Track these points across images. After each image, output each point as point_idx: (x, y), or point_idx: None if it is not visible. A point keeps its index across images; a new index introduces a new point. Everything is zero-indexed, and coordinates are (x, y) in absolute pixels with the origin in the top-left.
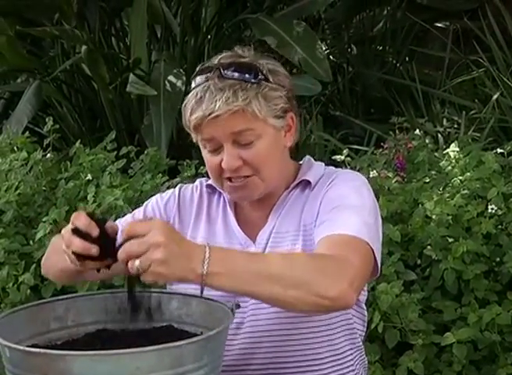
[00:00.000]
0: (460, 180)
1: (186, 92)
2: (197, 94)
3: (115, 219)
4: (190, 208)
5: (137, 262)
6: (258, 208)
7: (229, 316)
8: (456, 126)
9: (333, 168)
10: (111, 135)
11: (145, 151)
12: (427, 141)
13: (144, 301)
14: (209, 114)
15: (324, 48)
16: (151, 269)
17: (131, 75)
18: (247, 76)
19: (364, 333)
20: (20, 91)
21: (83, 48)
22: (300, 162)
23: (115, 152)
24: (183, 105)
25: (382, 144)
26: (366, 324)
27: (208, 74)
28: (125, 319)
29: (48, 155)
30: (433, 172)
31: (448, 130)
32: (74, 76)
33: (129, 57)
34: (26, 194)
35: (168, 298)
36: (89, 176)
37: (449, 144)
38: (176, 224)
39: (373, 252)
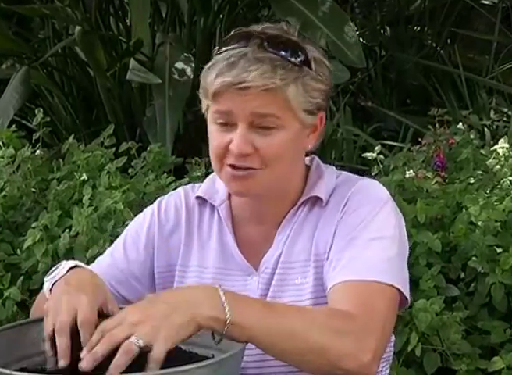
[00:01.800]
0: (511, 181)
1: (195, 81)
2: (229, 57)
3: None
4: (177, 231)
5: (133, 338)
6: (261, 225)
7: None
8: (505, 118)
9: (346, 175)
10: (109, 129)
11: (148, 148)
12: (471, 136)
13: None
14: (238, 82)
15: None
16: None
17: (132, 60)
18: (290, 55)
19: (390, 358)
20: (5, 78)
21: (77, 29)
22: (307, 163)
23: (114, 149)
24: (207, 66)
25: (419, 139)
26: (392, 347)
27: (248, 40)
28: None
29: (38, 151)
30: (479, 171)
31: (496, 123)
32: (67, 61)
33: (130, 39)
34: (12, 197)
35: None
36: (84, 176)
37: (498, 140)
38: (160, 255)
39: (399, 289)
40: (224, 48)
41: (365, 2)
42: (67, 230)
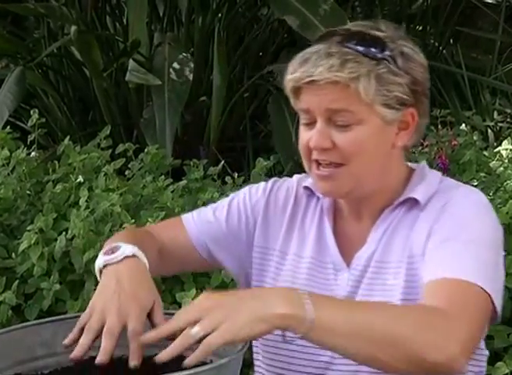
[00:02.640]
0: None
1: (194, 81)
2: (304, 54)
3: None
4: (281, 216)
5: (196, 328)
6: (358, 221)
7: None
8: (509, 119)
9: (450, 182)
10: (105, 130)
11: (145, 150)
12: (475, 137)
13: None
14: (306, 77)
15: None
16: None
17: (131, 61)
18: (368, 49)
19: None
20: (0, 78)
21: (73, 28)
22: (413, 167)
23: (110, 150)
24: (290, 63)
25: (421, 140)
26: (485, 363)
27: (330, 38)
28: (122, 344)
29: (33, 153)
30: (482, 173)
31: (499, 124)
32: (62, 61)
33: (127, 39)
34: (7, 199)
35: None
36: (80, 179)
37: (501, 141)
38: (260, 233)
39: (490, 296)
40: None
41: (366, 1)
42: (63, 233)
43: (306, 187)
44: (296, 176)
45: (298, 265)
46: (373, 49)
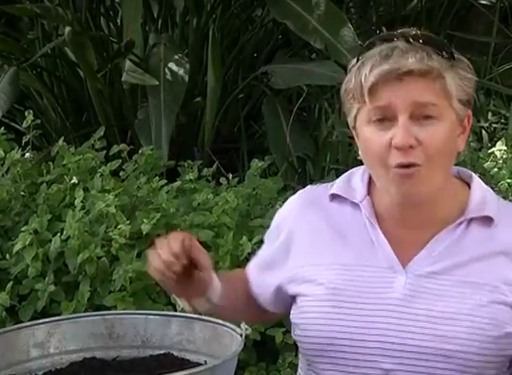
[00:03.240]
0: (509, 183)
1: (189, 82)
2: (381, 51)
3: None
4: (308, 228)
5: None
6: (408, 228)
7: (237, 343)
8: (503, 120)
9: (503, 200)
10: (99, 131)
11: (139, 151)
12: (469, 138)
13: None
14: (398, 68)
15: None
16: None
17: (127, 61)
18: (436, 47)
19: None
20: None
21: (67, 29)
22: (463, 177)
23: (105, 152)
24: (354, 66)
25: None
26: None
27: (392, 40)
28: (116, 345)
29: (27, 154)
30: (476, 174)
31: (494, 125)
32: (56, 62)
33: (121, 40)
34: (1, 200)
35: (167, 320)
36: (74, 180)
37: (495, 142)
38: (288, 250)
39: None
40: (367, 50)
41: (361, 2)
42: (58, 234)
43: (333, 195)
44: (320, 185)
45: (344, 273)
46: (441, 48)
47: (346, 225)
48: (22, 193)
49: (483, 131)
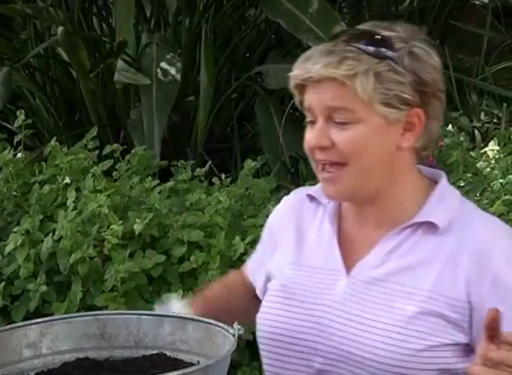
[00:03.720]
0: (501, 183)
1: (182, 81)
2: (308, 52)
3: None
4: (287, 228)
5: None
6: (364, 229)
7: (230, 343)
8: (495, 120)
9: (470, 206)
10: (92, 131)
11: (132, 151)
12: (461, 138)
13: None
14: (303, 74)
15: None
16: None
17: (119, 61)
18: (371, 48)
19: None
20: None
21: (60, 29)
22: (433, 178)
23: (97, 152)
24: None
25: None
26: None
27: (338, 37)
28: (109, 346)
29: (19, 154)
30: (469, 174)
31: (486, 125)
32: (49, 62)
33: (114, 40)
34: None
35: (160, 320)
36: (67, 180)
37: (488, 142)
38: (275, 248)
39: None
40: None
41: (353, 2)
42: (50, 235)
43: (308, 195)
44: (299, 189)
45: (297, 273)
46: (377, 48)
47: (312, 226)
48: (14, 193)
49: (476, 131)
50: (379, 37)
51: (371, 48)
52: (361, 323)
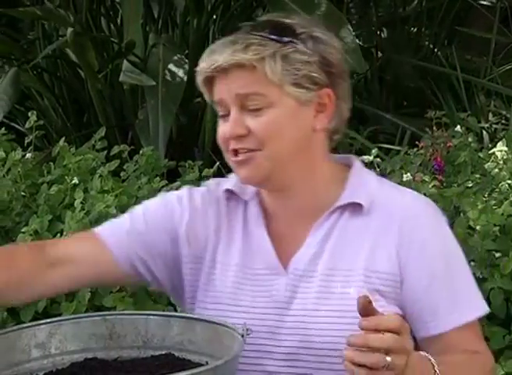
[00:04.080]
0: (509, 184)
1: (189, 82)
2: (211, 46)
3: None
4: (205, 224)
5: (388, 358)
6: (294, 222)
7: (239, 343)
8: (503, 121)
9: (389, 184)
10: (100, 132)
11: (140, 151)
12: (470, 138)
13: None
14: (211, 65)
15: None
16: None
17: (125, 62)
18: (274, 35)
19: None
20: None
21: (69, 30)
22: (346, 163)
23: (106, 152)
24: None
25: (416, 142)
26: None
27: (240, 29)
28: (117, 346)
29: (28, 155)
30: (477, 175)
31: (494, 125)
32: (57, 62)
33: (122, 40)
34: (2, 201)
35: (168, 321)
36: (75, 180)
37: (496, 143)
38: (180, 245)
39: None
40: None
41: (361, 3)
42: (58, 235)
43: (226, 190)
44: (212, 180)
45: (227, 273)
46: (279, 34)
47: (237, 224)
48: (22, 193)
49: (484, 132)
50: (281, 23)
51: (274, 34)
52: (311, 316)
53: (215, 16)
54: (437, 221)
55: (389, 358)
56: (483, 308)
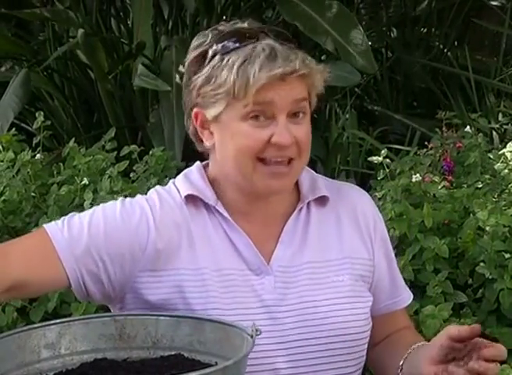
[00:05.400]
0: None
1: None
2: (264, 49)
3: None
4: (173, 232)
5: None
6: (268, 221)
7: (248, 344)
8: None
9: (325, 178)
10: (110, 133)
11: (150, 152)
12: (479, 139)
13: None
14: (291, 72)
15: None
16: None
17: (139, 66)
18: (299, 46)
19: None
20: (5, 81)
21: (80, 31)
22: None
23: (115, 153)
24: (223, 63)
25: (426, 143)
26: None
27: (254, 35)
28: (127, 346)
29: (38, 155)
30: (487, 176)
31: (504, 126)
32: (67, 64)
33: (132, 41)
34: (12, 201)
35: (177, 321)
36: (85, 181)
37: (506, 144)
38: (145, 255)
39: None
40: (233, 45)
41: (371, 3)
42: None
43: (187, 196)
44: (159, 189)
45: (213, 278)
46: (295, 43)
47: (205, 228)
48: (32, 194)
49: (494, 132)
50: (284, 33)
51: (295, 44)
52: (309, 307)
53: (224, 17)
54: (377, 210)
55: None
56: (410, 293)
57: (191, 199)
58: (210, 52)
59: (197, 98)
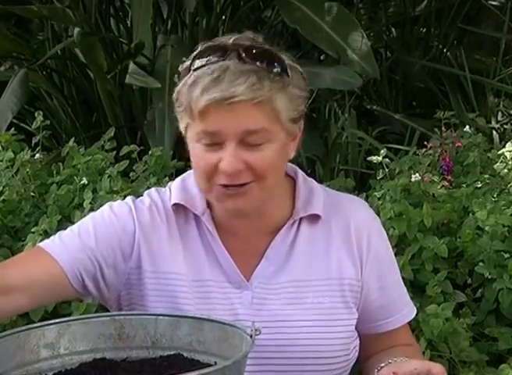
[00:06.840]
0: None
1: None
2: (212, 72)
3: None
4: (157, 236)
5: None
6: (248, 237)
7: (247, 343)
8: None
9: (333, 192)
10: (109, 132)
11: (149, 152)
12: (479, 139)
13: None
14: (229, 97)
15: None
16: None
17: (131, 64)
18: (270, 65)
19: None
20: (4, 80)
21: (77, 30)
22: (290, 174)
23: (115, 152)
24: (185, 81)
25: (425, 142)
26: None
27: (224, 53)
28: (126, 346)
29: (37, 155)
30: (486, 175)
31: (504, 126)
32: (66, 63)
33: (131, 41)
34: (11, 201)
35: (177, 321)
36: (84, 180)
37: (505, 143)
38: (132, 258)
39: None
40: (199, 63)
41: (370, 3)
42: None
43: (175, 204)
44: (153, 192)
45: (195, 289)
46: (273, 64)
47: (190, 238)
48: (32, 194)
49: (493, 132)
50: (269, 51)
51: (272, 65)
52: (283, 326)
53: (224, 17)
54: (380, 224)
55: None
56: (414, 308)
57: (179, 207)
58: (190, 67)
59: (176, 107)
